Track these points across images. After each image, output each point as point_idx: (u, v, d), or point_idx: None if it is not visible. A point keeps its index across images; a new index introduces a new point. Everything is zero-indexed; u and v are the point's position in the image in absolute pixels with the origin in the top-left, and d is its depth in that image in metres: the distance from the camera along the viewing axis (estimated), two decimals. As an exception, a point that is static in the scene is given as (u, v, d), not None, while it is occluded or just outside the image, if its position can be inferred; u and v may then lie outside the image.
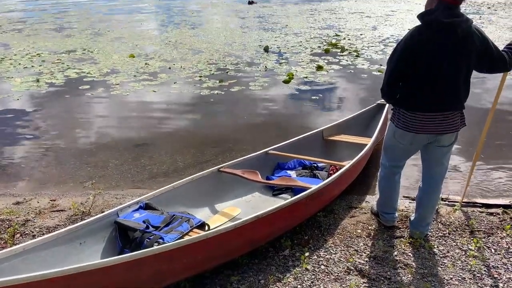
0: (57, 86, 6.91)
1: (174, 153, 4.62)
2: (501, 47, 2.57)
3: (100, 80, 7.20)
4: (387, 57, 2.57)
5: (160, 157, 4.49)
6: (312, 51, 8.84)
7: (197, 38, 10.47)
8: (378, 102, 4.70)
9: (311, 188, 2.91)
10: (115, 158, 4.47)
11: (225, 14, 14.16)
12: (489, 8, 13.26)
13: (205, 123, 5.50)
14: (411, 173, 3.82)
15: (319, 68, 7.60)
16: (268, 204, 3.15)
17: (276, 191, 3.46)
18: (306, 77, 7.18)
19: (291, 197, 2.84)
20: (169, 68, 7.88)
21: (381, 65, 7.57)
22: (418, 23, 2.41)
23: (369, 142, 3.85)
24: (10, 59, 8.55)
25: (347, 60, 8.07)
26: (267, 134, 5.13)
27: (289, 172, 3.65)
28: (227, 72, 7.55)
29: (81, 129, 5.33)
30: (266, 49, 9.03)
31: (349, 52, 8.62)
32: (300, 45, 9.34)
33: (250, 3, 16.27)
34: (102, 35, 11.02)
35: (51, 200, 3.44)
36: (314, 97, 6.29)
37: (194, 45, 9.70)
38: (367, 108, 4.72)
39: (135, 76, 7.40)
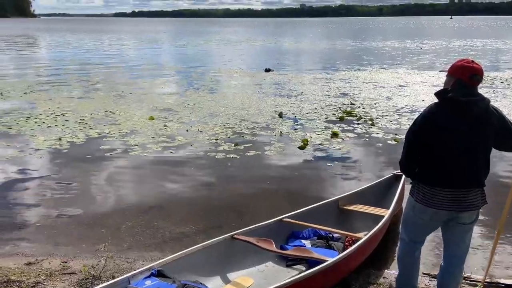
0: (78, 145, 7.11)
1: (187, 217, 4.60)
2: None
3: (119, 140, 7.39)
4: (402, 127, 2.63)
5: (173, 221, 4.47)
6: (327, 118, 9.02)
7: (215, 102, 10.82)
8: (395, 172, 4.68)
9: (327, 261, 2.84)
10: (129, 220, 4.46)
11: (242, 80, 14.72)
12: (502, 82, 13.54)
13: (219, 187, 5.52)
14: (432, 248, 3.70)
15: (334, 135, 7.70)
16: (282, 275, 3.06)
17: (290, 261, 3.37)
18: (321, 143, 7.26)
19: (306, 269, 2.77)
20: (187, 130, 8.07)
21: (396, 134, 7.64)
22: (431, 93, 2.49)
23: (386, 213, 3.79)
24: (36, 118, 8.91)
25: (361, 129, 8.18)
26: (282, 200, 5.11)
27: (303, 241, 3.58)
28: (242, 136, 7.70)
29: (97, 189, 5.39)
30: (281, 115, 9.25)
31: (364, 121, 8.76)
32: (315, 112, 9.55)
33: (267, 70, 16.95)
34: (125, 97, 11.48)
35: (62, 262, 3.40)
36: (329, 164, 6.32)
37: (212, 109, 10.00)
38: (383, 178, 4.70)
39: (153, 137, 7.59)
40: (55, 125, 8.32)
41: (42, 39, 41.47)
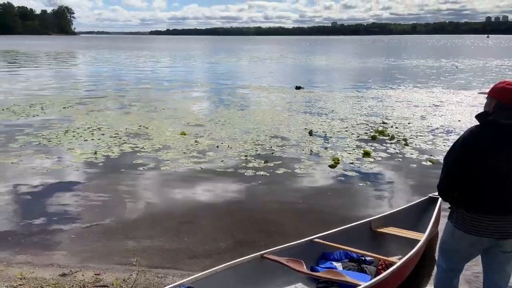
0: (112, 159, 7.30)
1: (217, 233, 4.61)
2: None
3: (152, 155, 7.54)
4: (437, 148, 2.56)
5: (202, 236, 4.48)
6: (358, 137, 8.89)
7: (245, 119, 10.90)
8: (431, 195, 4.54)
9: (360, 285, 2.76)
10: (159, 234, 4.51)
11: (272, 97, 14.79)
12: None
13: (248, 204, 5.51)
14: (471, 277, 3.52)
15: (366, 154, 7.57)
16: (312, 298, 2.99)
17: (321, 284, 3.29)
18: (353, 163, 7.15)
19: (338, 293, 2.69)
20: (217, 146, 8.15)
21: (431, 155, 7.42)
22: (468, 114, 2.41)
23: (421, 238, 3.66)
24: (73, 131, 9.24)
25: (395, 148, 8.00)
26: (312, 219, 5.03)
27: (335, 263, 3.50)
28: (272, 153, 7.69)
29: (129, 202, 5.49)
30: (311, 133, 9.20)
31: (397, 140, 8.58)
32: (346, 131, 9.44)
33: (297, 88, 16.98)
34: (158, 112, 11.75)
35: (95, 274, 3.46)
36: (361, 184, 6.20)
37: (242, 125, 10.07)
38: (418, 200, 4.57)
39: (184, 153, 7.70)
40: (92, 139, 8.59)
41: (81, 56, 43.31)
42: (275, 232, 4.68)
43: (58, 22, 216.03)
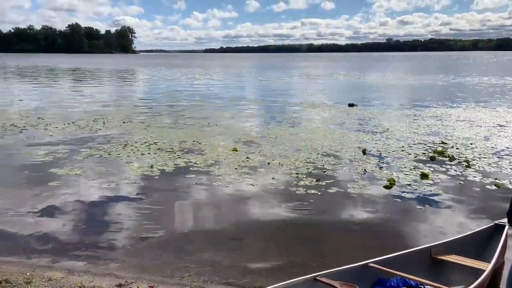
0: (167, 173, 7.52)
1: (268, 251, 4.57)
2: None
3: (204, 170, 7.69)
4: (503, 171, 2.38)
5: (253, 254, 4.46)
6: (415, 157, 8.52)
7: (296, 136, 10.85)
8: (497, 222, 4.22)
9: (420, 317, 2.59)
10: (211, 250, 4.55)
11: (324, 115, 14.64)
12: None
13: (300, 223, 5.42)
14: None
15: (424, 176, 7.22)
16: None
17: (376, 311, 3.14)
18: (409, 184, 6.84)
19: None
20: (268, 163, 8.15)
21: (496, 178, 6.93)
22: None
23: (486, 267, 3.40)
24: (132, 145, 9.66)
25: (455, 171, 7.57)
26: (366, 242, 4.86)
27: (391, 291, 3.32)
28: (324, 171, 7.56)
29: (182, 216, 5.61)
30: (365, 152, 8.95)
31: (458, 162, 8.12)
32: (402, 150, 9.09)
33: (350, 105, 16.70)
34: (210, 128, 12.02)
35: (149, 287, 3.53)
36: (419, 207, 5.90)
37: (293, 142, 10.02)
38: (482, 227, 4.26)
39: (236, 169, 7.77)
40: (148, 153, 8.93)
41: (140, 73, 45.60)
42: (327, 253, 4.56)
43: (121, 42, 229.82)
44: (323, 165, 7.95)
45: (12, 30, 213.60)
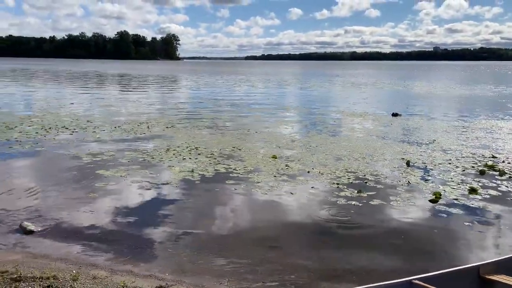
0: (207, 178, 7.63)
1: (306, 261, 4.52)
2: None
3: (244, 177, 7.72)
4: None
5: (290, 263, 4.42)
6: (463, 171, 8.14)
7: (337, 145, 10.69)
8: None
9: None
10: (248, 256, 4.55)
11: (366, 124, 14.35)
12: None
13: (339, 235, 5.31)
14: None
15: (472, 191, 6.87)
16: None
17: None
18: (457, 199, 6.54)
19: None
20: (308, 172, 8.07)
21: (552, 196, 6.50)
22: None
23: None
24: (174, 150, 9.89)
25: (507, 186, 7.16)
26: (409, 258, 4.68)
27: (436, 310, 3.17)
28: (366, 182, 7.39)
29: (222, 221, 5.66)
30: (409, 163, 8.66)
31: (510, 177, 7.68)
32: (449, 163, 8.72)
33: (394, 115, 16.27)
34: (250, 135, 12.09)
35: (188, 290, 3.59)
36: (467, 224, 5.62)
37: (334, 151, 9.88)
38: (538, 248, 3.98)
39: (275, 176, 7.75)
40: (189, 158, 9.11)
41: (183, 80, 46.77)
42: (367, 267, 4.43)
43: (165, 49, 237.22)
44: (365, 176, 7.77)
45: (65, 37, 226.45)
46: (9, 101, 20.25)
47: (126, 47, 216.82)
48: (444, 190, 6.93)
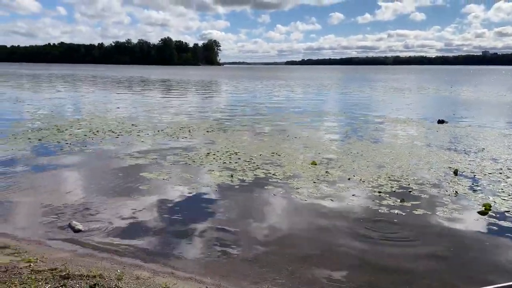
0: (246, 183, 7.66)
1: (345, 270, 4.42)
2: None
3: (283, 182, 7.69)
4: None
5: (328, 272, 4.33)
6: (516, 181, 7.69)
7: (379, 152, 10.42)
8: None
9: None
10: (287, 263, 4.51)
11: (410, 131, 13.90)
12: None
13: (381, 245, 5.15)
14: None
15: (526, 203, 6.48)
16: None
17: None
18: (508, 211, 6.19)
19: None
20: (349, 179, 7.92)
21: None
22: None
23: None
24: (214, 154, 10.03)
25: None
26: (453, 272, 4.46)
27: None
28: (410, 191, 7.14)
29: (261, 227, 5.65)
30: (456, 172, 8.29)
31: None
32: (500, 173, 8.27)
33: (440, 122, 15.66)
34: (290, 140, 12.03)
35: (227, 295, 3.60)
36: (520, 238, 5.29)
37: (376, 158, 9.64)
38: None
39: (314, 182, 7.66)
40: (229, 162, 9.19)
41: (224, 85, 47.42)
42: (411, 281, 4.26)
43: (206, 54, 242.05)
44: (409, 185, 7.52)
45: (113, 44, 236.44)
46: (60, 105, 21.35)
47: (169, 53, 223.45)
48: (495, 202, 6.57)
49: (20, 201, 6.57)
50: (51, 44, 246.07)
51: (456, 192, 7.11)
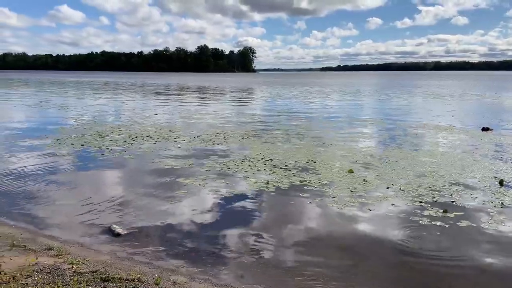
0: (282, 190, 7.62)
1: (383, 281, 4.29)
2: None
3: (319, 190, 7.59)
4: None
5: (368, 282, 4.20)
6: None
7: (419, 160, 10.09)
8: None
9: None
10: (323, 273, 4.47)
11: (452, 139, 13.37)
12: None
13: (421, 257, 4.98)
14: None
15: None
16: None
17: None
18: (561, 225, 5.79)
19: None
20: (387, 188, 7.70)
21: None
22: None
23: None
24: (249, 161, 10.05)
25: None
26: (497, 285, 4.22)
27: None
28: (452, 202, 6.86)
29: (295, 235, 5.59)
30: (502, 183, 7.89)
31: None
32: (551, 184, 7.79)
33: (484, 129, 14.99)
34: (326, 147, 11.88)
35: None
36: None
37: (416, 167, 9.33)
38: None
39: (351, 191, 7.51)
40: (264, 169, 9.18)
41: (259, 91, 47.63)
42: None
43: (242, 61, 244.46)
44: (451, 195, 7.22)
45: (151, 52, 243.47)
46: (102, 111, 22.17)
47: (205, 60, 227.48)
48: (546, 215, 6.19)
49: (63, 204, 6.85)
50: (94, 52, 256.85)
51: (502, 203, 6.76)
